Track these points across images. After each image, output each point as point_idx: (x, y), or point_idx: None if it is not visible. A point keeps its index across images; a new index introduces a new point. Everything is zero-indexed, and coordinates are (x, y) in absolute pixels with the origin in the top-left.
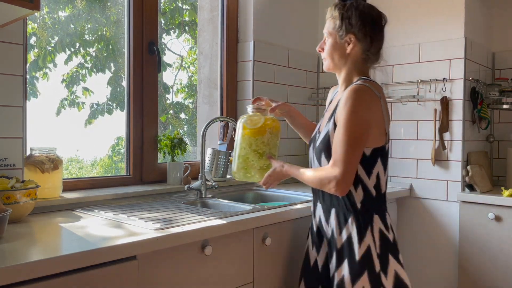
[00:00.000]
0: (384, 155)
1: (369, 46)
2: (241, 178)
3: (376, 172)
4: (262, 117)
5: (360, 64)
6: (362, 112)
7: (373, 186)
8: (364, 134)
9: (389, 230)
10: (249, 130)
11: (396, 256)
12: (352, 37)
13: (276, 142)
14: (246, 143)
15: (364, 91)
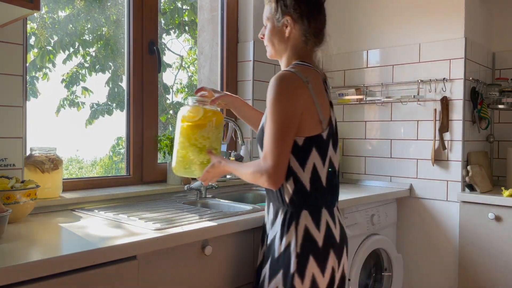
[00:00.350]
0: (321, 145)
1: (307, 27)
2: (180, 174)
3: (311, 163)
4: (201, 109)
5: (300, 48)
6: (285, 100)
7: (309, 179)
8: (290, 123)
9: (319, 229)
10: (187, 123)
11: (319, 259)
12: (289, 19)
13: (218, 135)
14: (185, 137)
15: (286, 78)
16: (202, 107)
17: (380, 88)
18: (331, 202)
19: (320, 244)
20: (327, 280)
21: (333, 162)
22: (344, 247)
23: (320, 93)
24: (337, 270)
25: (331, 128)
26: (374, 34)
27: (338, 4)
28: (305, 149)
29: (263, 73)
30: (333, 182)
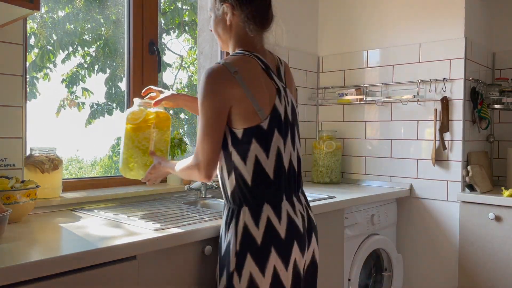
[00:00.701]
0: (262, 136)
1: (246, 12)
2: (126, 175)
3: (253, 156)
4: (144, 111)
5: (243, 35)
6: (211, 96)
7: (252, 173)
8: (217, 119)
9: (258, 226)
10: (130, 125)
11: (257, 257)
12: (227, 6)
13: (164, 137)
14: (128, 139)
15: (212, 73)
16: (145, 109)
17: (380, 88)
18: (278, 196)
19: (258, 242)
20: (268, 280)
21: (282, 152)
22: (294, 241)
23: (255, 81)
24: (288, 267)
25: (276, 117)
26: (374, 34)
27: (338, 4)
28: (244, 142)
29: None
30: (284, 175)
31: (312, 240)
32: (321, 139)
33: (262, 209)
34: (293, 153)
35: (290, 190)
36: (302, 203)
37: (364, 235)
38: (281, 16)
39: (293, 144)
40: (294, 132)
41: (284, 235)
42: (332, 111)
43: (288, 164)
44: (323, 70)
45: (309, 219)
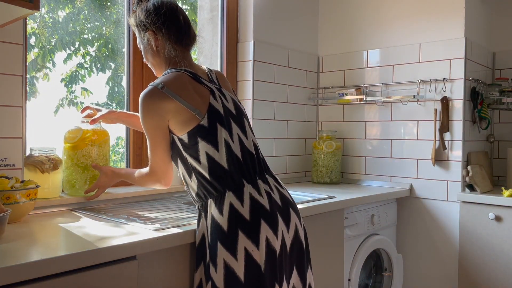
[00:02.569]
0: (205, 133)
1: (168, 34)
2: (71, 193)
3: (204, 153)
4: (80, 130)
5: (170, 55)
6: (148, 114)
7: (208, 168)
8: (158, 133)
9: (222, 213)
10: (68, 144)
11: (226, 243)
12: (149, 33)
13: (102, 152)
14: (67, 157)
15: (144, 94)
16: (81, 128)
17: (380, 88)
18: (238, 183)
19: (225, 228)
20: (242, 263)
21: (231, 143)
22: (261, 220)
23: (183, 89)
24: (259, 246)
25: (214, 113)
26: (374, 34)
27: (338, 4)
28: (192, 144)
29: (263, 73)
30: (239, 162)
31: (291, 216)
32: (321, 139)
33: (224, 197)
34: (247, 141)
35: (251, 175)
36: (270, 183)
37: (364, 235)
38: (281, 16)
39: (244, 132)
40: (242, 123)
41: (248, 217)
42: (332, 111)
43: (241, 152)
44: (323, 70)
45: (282, 197)
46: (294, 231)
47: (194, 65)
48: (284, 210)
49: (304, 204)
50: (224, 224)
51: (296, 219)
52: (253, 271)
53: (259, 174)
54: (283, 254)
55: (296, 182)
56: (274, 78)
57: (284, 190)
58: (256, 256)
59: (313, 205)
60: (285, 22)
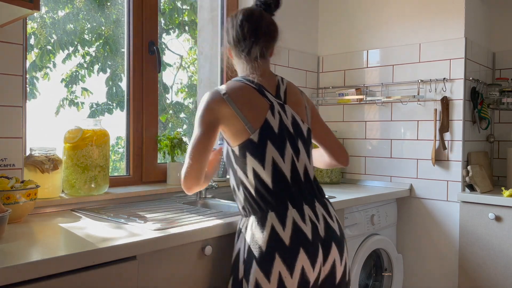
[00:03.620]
0: (253, 149)
1: (239, 48)
2: (71, 193)
3: (251, 168)
4: (80, 130)
5: (242, 66)
6: (204, 112)
7: (254, 185)
8: (206, 133)
9: (263, 234)
10: (68, 144)
11: (262, 264)
12: (226, 48)
13: (103, 152)
14: (67, 157)
15: (207, 95)
16: (81, 128)
17: (380, 88)
18: (283, 204)
19: (263, 249)
20: (274, 287)
21: (280, 162)
22: (301, 248)
23: (243, 100)
24: (293, 274)
25: (268, 129)
26: (374, 34)
27: (338, 4)
28: (242, 157)
29: None
30: (286, 183)
31: (332, 251)
32: None
33: (267, 217)
34: (298, 163)
35: (298, 198)
36: (318, 212)
37: (364, 235)
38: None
39: (296, 153)
40: (297, 143)
41: (288, 242)
42: (332, 111)
43: (291, 173)
44: (323, 70)
45: (328, 229)
46: (330, 266)
47: (267, 75)
48: (326, 243)
49: None
50: (263, 244)
51: (336, 255)
52: None
53: (307, 199)
54: (318, 286)
55: None
56: None
57: (333, 222)
58: (288, 283)
59: None
60: (285, 22)
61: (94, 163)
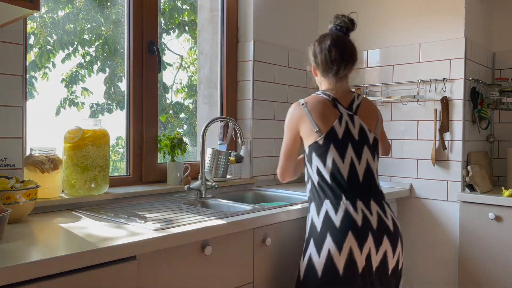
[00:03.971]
0: (319, 150)
1: (323, 69)
2: (71, 193)
3: (315, 165)
4: (80, 130)
5: (323, 82)
6: (286, 125)
7: (317, 179)
8: (289, 139)
9: (319, 217)
10: (68, 144)
11: (316, 241)
12: (311, 67)
13: (103, 152)
14: (67, 157)
15: (291, 107)
16: (81, 128)
17: (380, 88)
18: (338, 196)
19: (318, 229)
20: (323, 261)
21: (339, 163)
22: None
23: (319, 110)
24: (341, 252)
25: (332, 134)
26: (374, 34)
27: (338, 4)
28: (310, 156)
29: (263, 73)
30: (343, 180)
31: (383, 242)
32: None
33: (323, 203)
34: (358, 166)
35: (352, 194)
36: (372, 208)
37: None
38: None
39: (358, 157)
40: (361, 149)
41: (338, 225)
42: None
43: (348, 173)
44: None
45: (381, 223)
46: (382, 256)
47: (345, 91)
48: (378, 233)
49: (304, 204)
50: (318, 225)
51: (388, 245)
52: (331, 272)
53: (362, 197)
54: (366, 272)
55: (296, 182)
56: (274, 78)
57: (388, 220)
58: (335, 259)
59: None
60: (285, 22)
61: (94, 163)
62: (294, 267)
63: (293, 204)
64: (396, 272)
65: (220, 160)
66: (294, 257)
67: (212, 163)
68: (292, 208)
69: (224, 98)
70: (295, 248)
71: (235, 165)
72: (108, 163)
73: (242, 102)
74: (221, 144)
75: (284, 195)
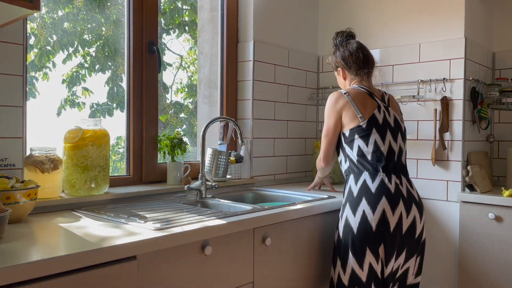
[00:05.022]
0: (361, 132)
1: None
2: (71, 193)
3: (357, 145)
4: (80, 130)
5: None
6: (329, 110)
7: (356, 155)
8: (333, 124)
9: (357, 184)
10: (68, 144)
11: (352, 204)
12: (340, 70)
13: (103, 153)
14: (67, 157)
15: (334, 94)
16: (81, 128)
17: (380, 88)
18: (375, 169)
19: (355, 194)
20: (358, 220)
21: (380, 144)
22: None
23: (358, 99)
24: (375, 212)
25: (374, 120)
26: (374, 34)
27: (338, 4)
28: (351, 138)
29: (263, 73)
30: (383, 157)
31: (412, 208)
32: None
33: (361, 174)
34: (396, 146)
35: (388, 169)
36: (402, 180)
37: None
38: (281, 16)
39: (395, 140)
40: (396, 134)
41: (373, 190)
42: None
43: (387, 152)
44: (323, 70)
45: (409, 192)
46: (412, 220)
47: (372, 87)
48: (407, 201)
49: (304, 204)
50: (355, 191)
51: (416, 212)
52: (364, 228)
53: (395, 171)
54: (397, 232)
55: (296, 182)
56: (274, 78)
57: (414, 190)
58: (369, 218)
59: (313, 205)
60: (285, 22)
61: (94, 163)
62: (294, 267)
63: (293, 204)
64: (420, 239)
65: (220, 160)
66: (294, 257)
67: (212, 163)
68: (292, 208)
69: (224, 98)
70: (295, 248)
71: (235, 165)
72: (108, 163)
73: (242, 102)
74: (221, 144)
75: (284, 195)
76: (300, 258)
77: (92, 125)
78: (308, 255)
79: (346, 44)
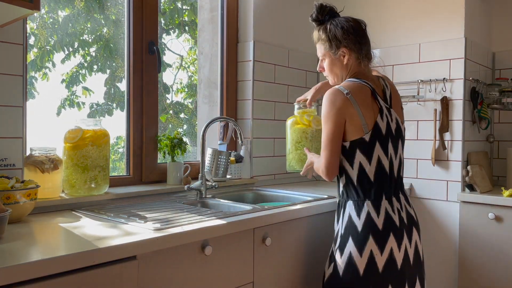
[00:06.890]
0: (364, 146)
1: (360, 50)
2: (71, 193)
3: (358, 162)
4: (81, 130)
5: (357, 69)
6: (330, 112)
7: (357, 176)
8: (336, 130)
9: (359, 218)
10: (68, 144)
11: (357, 241)
12: (345, 50)
13: (103, 152)
14: (68, 157)
15: (331, 94)
16: (81, 128)
17: None
18: (378, 196)
19: (359, 229)
20: (364, 261)
21: (383, 160)
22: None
23: (363, 101)
24: (383, 253)
25: (377, 131)
26: (374, 34)
27: (337, 4)
28: (351, 151)
29: (263, 73)
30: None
31: (413, 234)
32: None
33: (364, 204)
34: (395, 161)
35: (390, 191)
36: (402, 202)
37: None
38: (281, 16)
39: (395, 153)
40: (397, 144)
41: (381, 227)
42: None
43: (389, 169)
44: None
45: (409, 216)
46: (415, 246)
47: (374, 77)
48: (409, 228)
49: (304, 204)
50: (359, 225)
51: (417, 236)
52: (372, 270)
53: (395, 191)
54: (405, 266)
55: (296, 182)
56: (274, 78)
57: (411, 209)
58: (378, 260)
59: (313, 205)
60: (285, 22)
61: (94, 163)
62: (294, 267)
63: (293, 204)
64: (423, 258)
65: (220, 160)
66: (294, 257)
67: (212, 163)
68: (292, 208)
69: (224, 98)
70: (295, 248)
71: (235, 165)
72: (108, 163)
73: (242, 102)
74: (221, 144)
75: (284, 195)
76: (300, 258)
77: (92, 125)
78: (308, 255)
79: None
